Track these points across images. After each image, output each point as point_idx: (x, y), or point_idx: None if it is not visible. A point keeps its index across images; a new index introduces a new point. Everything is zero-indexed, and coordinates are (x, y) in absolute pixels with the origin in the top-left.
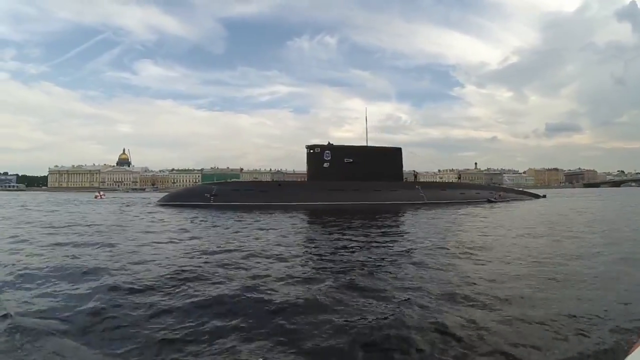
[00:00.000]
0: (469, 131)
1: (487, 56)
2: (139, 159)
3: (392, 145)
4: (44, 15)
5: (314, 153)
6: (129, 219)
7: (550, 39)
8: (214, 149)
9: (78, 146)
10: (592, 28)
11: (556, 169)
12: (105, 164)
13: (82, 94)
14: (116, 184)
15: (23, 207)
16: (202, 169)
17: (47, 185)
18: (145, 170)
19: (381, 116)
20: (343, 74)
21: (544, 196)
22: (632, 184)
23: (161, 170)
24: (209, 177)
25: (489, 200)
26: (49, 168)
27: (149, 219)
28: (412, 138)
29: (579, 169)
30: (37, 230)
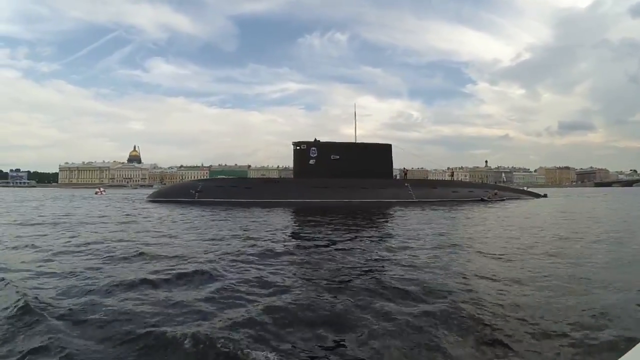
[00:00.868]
0: (481, 129)
1: (499, 53)
2: (150, 156)
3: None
4: (56, 15)
5: (300, 150)
6: (101, 213)
7: (563, 35)
8: (225, 146)
9: (90, 143)
10: (605, 25)
11: (567, 168)
12: (114, 161)
13: (94, 92)
14: (125, 181)
15: (15, 202)
16: (210, 166)
17: (57, 182)
18: (154, 167)
19: (392, 113)
20: (354, 71)
21: (544, 195)
22: None
23: (170, 167)
24: (217, 173)
25: (483, 200)
26: (59, 165)
27: (123, 213)
28: (424, 135)
29: (591, 167)
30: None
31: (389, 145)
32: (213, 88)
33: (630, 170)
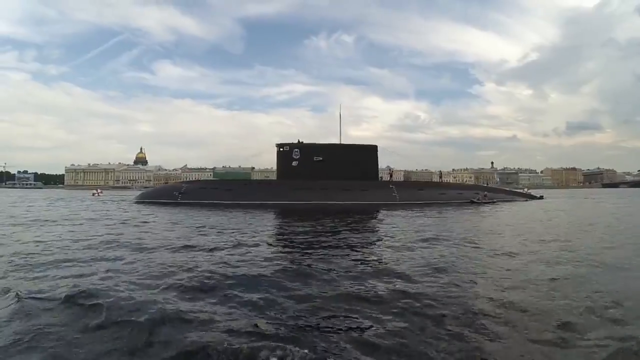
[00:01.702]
0: (488, 130)
1: (506, 53)
2: (157, 158)
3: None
4: (64, 17)
5: (283, 151)
6: (71, 213)
7: (570, 35)
8: (232, 148)
9: (98, 145)
10: (612, 24)
11: (574, 169)
12: (120, 163)
13: (102, 94)
14: (130, 182)
15: (13, 203)
16: (214, 168)
17: (63, 184)
18: (159, 169)
19: (399, 114)
20: (361, 73)
21: (540, 197)
22: None
23: (174, 169)
24: (220, 175)
25: (472, 202)
26: (65, 167)
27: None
28: (431, 137)
29: (598, 168)
30: None
31: (375, 146)
32: (220, 90)
33: (638, 171)
